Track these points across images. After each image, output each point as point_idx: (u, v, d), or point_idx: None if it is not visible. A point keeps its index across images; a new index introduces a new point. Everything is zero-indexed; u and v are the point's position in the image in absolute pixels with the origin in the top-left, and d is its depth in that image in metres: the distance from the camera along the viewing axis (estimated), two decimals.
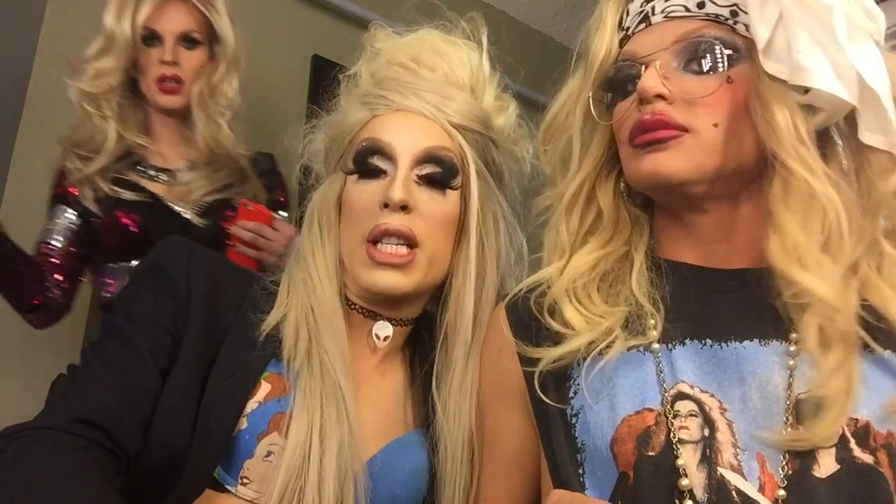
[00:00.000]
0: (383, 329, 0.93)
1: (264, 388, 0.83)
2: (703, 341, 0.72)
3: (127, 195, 1.49)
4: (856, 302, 0.69)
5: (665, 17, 0.77)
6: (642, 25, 0.79)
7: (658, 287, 0.77)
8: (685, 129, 0.73)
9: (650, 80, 0.74)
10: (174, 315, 0.82)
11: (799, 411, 0.66)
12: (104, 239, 1.50)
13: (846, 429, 0.65)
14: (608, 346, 0.73)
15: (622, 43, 0.82)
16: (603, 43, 0.82)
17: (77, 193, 1.50)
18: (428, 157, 0.90)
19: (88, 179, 1.48)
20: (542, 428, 0.78)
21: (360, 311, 0.93)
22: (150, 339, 0.80)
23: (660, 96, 0.74)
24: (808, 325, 0.68)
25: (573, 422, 0.74)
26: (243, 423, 0.81)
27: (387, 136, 0.90)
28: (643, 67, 0.76)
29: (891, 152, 0.71)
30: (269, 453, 0.81)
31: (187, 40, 1.54)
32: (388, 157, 0.90)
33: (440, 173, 0.90)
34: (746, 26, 0.74)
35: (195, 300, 0.83)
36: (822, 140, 0.75)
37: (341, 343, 0.87)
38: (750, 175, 0.75)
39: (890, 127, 0.70)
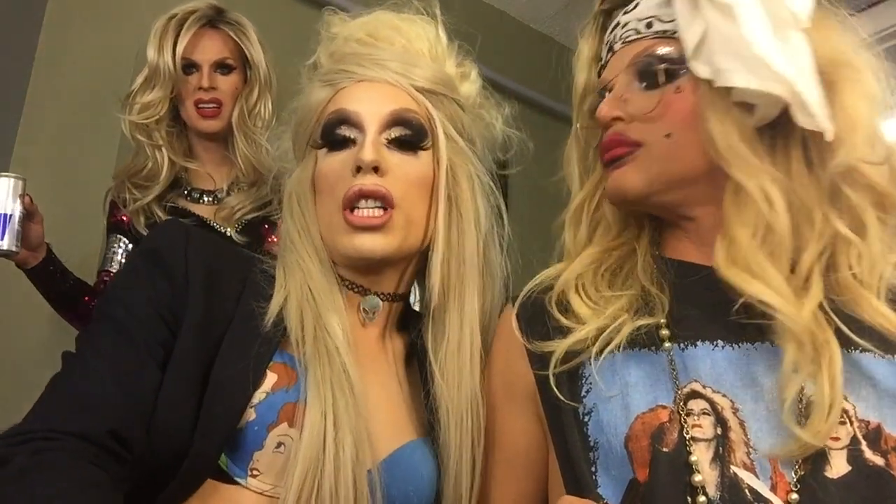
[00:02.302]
0: (372, 304, 0.93)
1: (270, 378, 0.81)
2: (715, 342, 0.72)
3: None
4: (815, 302, 0.68)
5: (623, 42, 0.81)
6: (609, 54, 0.84)
7: (665, 278, 0.78)
8: (638, 144, 0.77)
9: (604, 108, 0.79)
10: (171, 302, 0.81)
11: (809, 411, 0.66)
12: None
13: (858, 431, 0.65)
14: (617, 330, 0.74)
15: (600, 73, 0.86)
16: (581, 76, 0.89)
17: (130, 221, 1.61)
18: (395, 120, 0.89)
19: (144, 208, 1.59)
20: (554, 427, 0.77)
21: (349, 286, 0.92)
22: (147, 331, 0.79)
23: (617, 118, 0.78)
24: (778, 327, 0.67)
25: (585, 420, 0.74)
26: (251, 415, 0.79)
27: (352, 105, 0.90)
28: (607, 93, 0.80)
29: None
30: (279, 444, 0.79)
31: (222, 67, 1.66)
32: (356, 124, 0.89)
33: (409, 135, 0.89)
34: None
35: (193, 288, 0.82)
36: (784, 135, 0.74)
37: (342, 319, 0.86)
38: (722, 178, 0.74)
39: (816, 109, 0.69)
